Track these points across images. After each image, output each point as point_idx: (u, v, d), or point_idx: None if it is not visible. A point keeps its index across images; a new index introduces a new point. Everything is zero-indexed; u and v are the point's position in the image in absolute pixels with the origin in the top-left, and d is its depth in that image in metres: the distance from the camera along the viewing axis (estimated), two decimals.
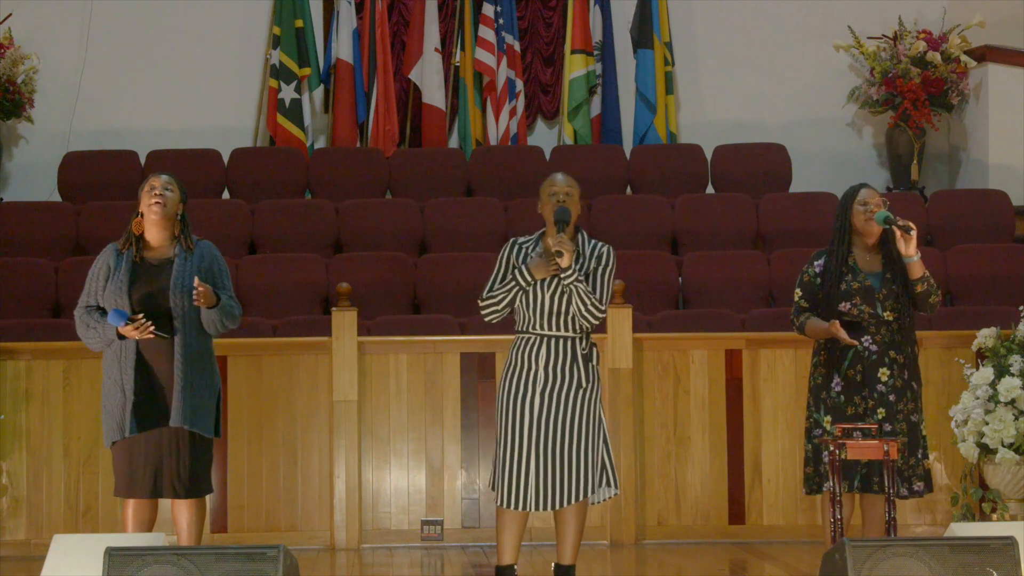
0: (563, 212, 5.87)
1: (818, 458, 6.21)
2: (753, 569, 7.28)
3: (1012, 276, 9.41)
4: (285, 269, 9.40)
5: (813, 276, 6.33)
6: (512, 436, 5.88)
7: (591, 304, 5.84)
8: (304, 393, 8.08)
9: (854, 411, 6.17)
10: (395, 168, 10.61)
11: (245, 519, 7.99)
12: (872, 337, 6.19)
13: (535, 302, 5.89)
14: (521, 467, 5.85)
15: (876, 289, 6.21)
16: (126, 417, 5.94)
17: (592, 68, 11.11)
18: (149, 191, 6.06)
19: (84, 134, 10.91)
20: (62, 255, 9.60)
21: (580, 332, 5.93)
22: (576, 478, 5.86)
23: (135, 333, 5.90)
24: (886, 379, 6.17)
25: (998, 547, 5.06)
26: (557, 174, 6.04)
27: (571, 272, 5.81)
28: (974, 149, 11.04)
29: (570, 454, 5.85)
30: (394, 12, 11.36)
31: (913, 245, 6.17)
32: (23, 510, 7.91)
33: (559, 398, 5.87)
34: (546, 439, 5.85)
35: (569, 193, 5.93)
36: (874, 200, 6.27)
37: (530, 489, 5.84)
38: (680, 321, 8.87)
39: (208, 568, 4.95)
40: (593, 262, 5.94)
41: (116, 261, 6.05)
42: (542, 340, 5.91)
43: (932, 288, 6.22)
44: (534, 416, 5.86)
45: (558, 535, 5.99)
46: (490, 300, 5.93)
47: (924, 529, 8.03)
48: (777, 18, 11.40)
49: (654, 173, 10.58)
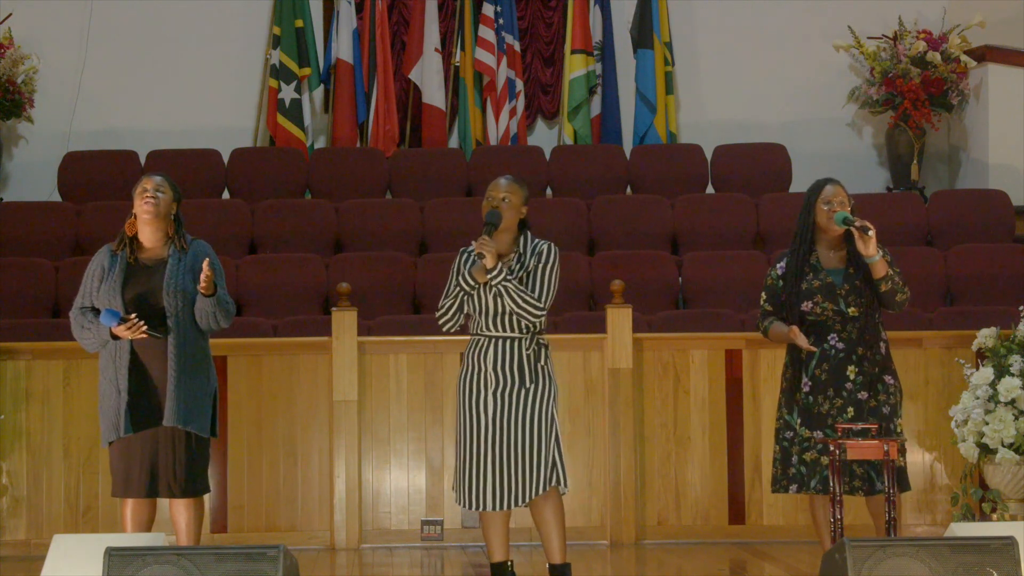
0: (492, 215, 5.93)
1: (786, 459, 6.20)
2: (753, 569, 7.28)
3: (1012, 276, 9.40)
4: (285, 269, 9.40)
5: (776, 279, 6.29)
6: (468, 437, 5.94)
7: (523, 302, 5.87)
8: (304, 393, 8.08)
9: (819, 410, 6.12)
10: (395, 168, 10.61)
11: (245, 519, 7.99)
12: (838, 335, 6.14)
13: (480, 304, 5.95)
14: (477, 467, 5.91)
15: (838, 285, 6.13)
16: (121, 417, 5.95)
17: (592, 68, 11.11)
18: (141, 193, 6.09)
19: (84, 134, 10.92)
20: (62, 255, 9.60)
21: (525, 332, 5.96)
22: (528, 476, 5.90)
23: (128, 333, 5.91)
24: (854, 376, 6.12)
25: (998, 547, 5.06)
26: (502, 177, 6.06)
27: (496, 272, 5.85)
28: (974, 149, 11.04)
29: (521, 453, 5.89)
30: (394, 12, 11.36)
31: (872, 245, 6.03)
32: (23, 510, 7.91)
33: (509, 398, 5.92)
34: (500, 439, 5.90)
35: (506, 198, 5.95)
36: (838, 198, 6.16)
37: (487, 488, 5.90)
38: (680, 321, 8.87)
39: (208, 568, 4.95)
40: (533, 260, 5.96)
41: (110, 262, 6.07)
42: (490, 341, 5.97)
43: (898, 287, 6.10)
44: (488, 417, 5.92)
45: (541, 536, 6.01)
46: (443, 308, 6.02)
47: (924, 529, 8.03)
48: (777, 18, 11.40)
49: (654, 173, 10.58)
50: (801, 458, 6.14)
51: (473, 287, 5.95)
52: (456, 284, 5.99)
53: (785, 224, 9.88)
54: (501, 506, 5.92)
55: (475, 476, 5.92)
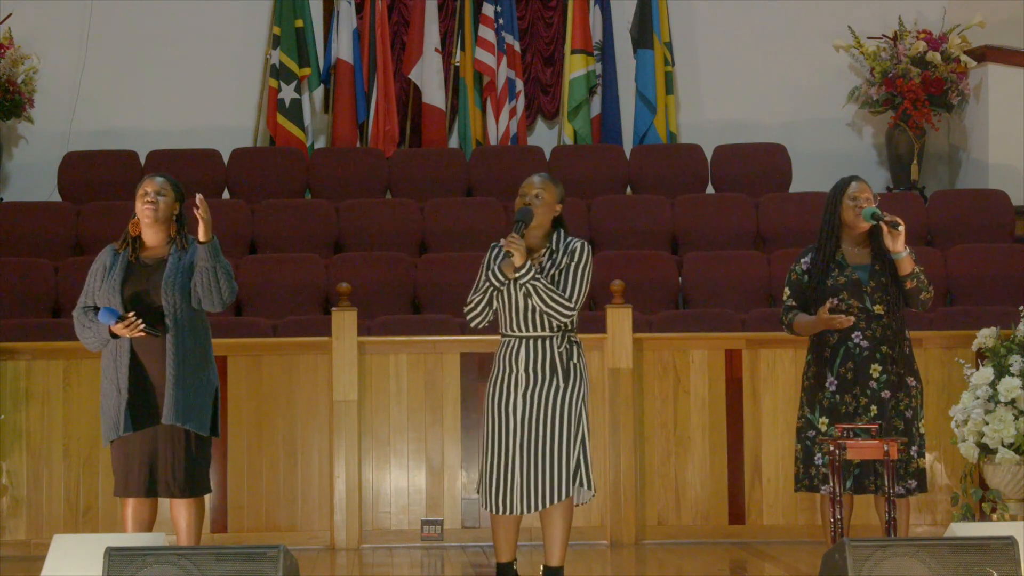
0: (523, 212, 5.89)
1: (808, 458, 6.20)
2: (753, 569, 7.28)
3: (1012, 276, 9.40)
4: (285, 269, 9.40)
5: (800, 274, 6.29)
6: (497, 440, 5.88)
7: (553, 300, 5.82)
8: (304, 393, 8.08)
9: (846, 409, 6.13)
10: (395, 168, 10.61)
11: (245, 519, 7.99)
12: (862, 332, 6.13)
13: (510, 302, 5.91)
14: (506, 471, 5.85)
15: (864, 282, 6.14)
16: (120, 415, 5.96)
17: (592, 68, 11.11)
18: (142, 196, 6.11)
19: (84, 134, 10.92)
20: (62, 255, 9.60)
21: (556, 330, 5.92)
22: (558, 478, 5.84)
23: (126, 331, 5.93)
24: (878, 375, 6.12)
25: (998, 547, 5.06)
26: (536, 175, 6.04)
27: (525, 270, 5.80)
28: (974, 149, 11.04)
29: (551, 454, 5.84)
30: (394, 12, 11.36)
31: (901, 241, 6.07)
32: (23, 510, 7.91)
33: (540, 399, 5.87)
34: (530, 441, 5.85)
35: (539, 195, 5.92)
36: (864, 195, 6.19)
37: (516, 492, 5.83)
38: (680, 321, 8.87)
39: (208, 568, 4.95)
40: (566, 258, 5.92)
41: (112, 261, 6.09)
42: (521, 342, 5.91)
43: (923, 285, 6.13)
44: (517, 419, 5.87)
45: (545, 537, 5.96)
46: (471, 303, 5.96)
47: (924, 529, 8.03)
48: (777, 18, 11.40)
49: (654, 173, 10.58)
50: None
51: (502, 283, 5.88)
52: (485, 279, 5.93)
53: (785, 224, 9.92)
54: (530, 508, 5.85)
55: (503, 480, 5.86)
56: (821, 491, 6.16)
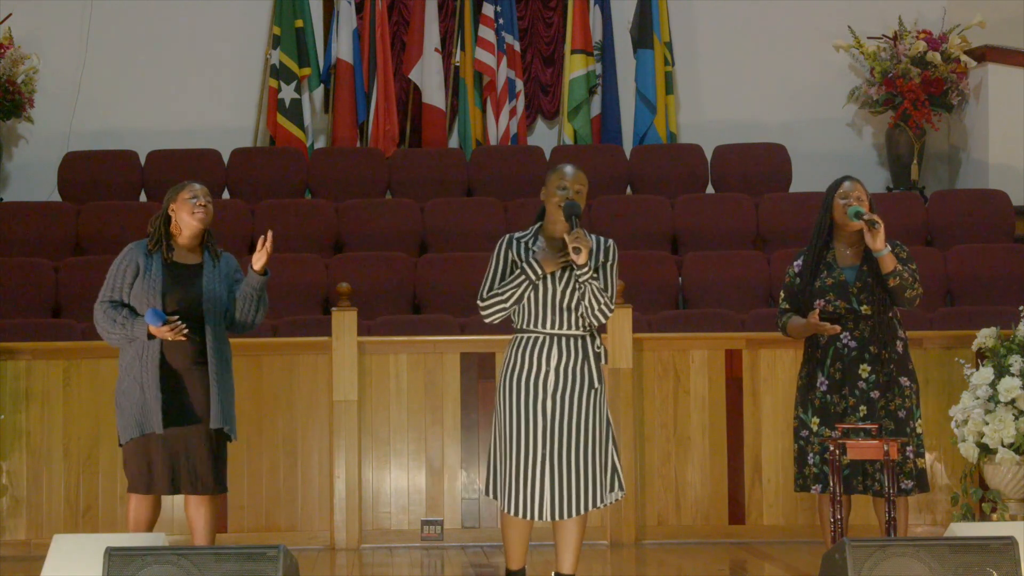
0: (573, 207, 5.60)
1: (802, 458, 6.20)
2: (753, 569, 7.28)
3: (1012, 276, 9.41)
4: (285, 269, 9.38)
5: (792, 276, 6.31)
6: (521, 440, 5.64)
7: (604, 303, 5.64)
8: (304, 393, 8.08)
9: (835, 409, 6.13)
10: (395, 168, 10.62)
11: (245, 519, 7.99)
12: (851, 333, 6.13)
13: (545, 297, 5.66)
14: (532, 474, 5.63)
15: (850, 283, 6.14)
16: (149, 415, 5.98)
17: (592, 68, 11.11)
18: (192, 198, 6.13)
19: (84, 134, 10.92)
20: (62, 255, 9.59)
21: (588, 330, 5.73)
22: (589, 485, 5.66)
23: (170, 334, 5.95)
24: (867, 375, 6.12)
25: (998, 547, 5.06)
26: (567, 166, 5.75)
27: (587, 269, 5.58)
28: (974, 149, 11.04)
29: (583, 460, 5.65)
30: (394, 12, 11.37)
31: (880, 239, 6.03)
32: (23, 510, 7.91)
33: (571, 401, 5.66)
34: (559, 445, 5.63)
35: (579, 190, 5.67)
36: (855, 193, 6.17)
37: (543, 498, 5.62)
38: (680, 321, 8.87)
39: (208, 568, 4.95)
40: (602, 256, 5.73)
41: (146, 262, 6.09)
42: (552, 340, 5.68)
43: (907, 283, 6.09)
44: (546, 421, 5.64)
45: (559, 542, 5.78)
46: (495, 298, 5.67)
47: (924, 529, 8.03)
48: (777, 18, 11.41)
49: (654, 173, 10.58)
50: (823, 457, 6.12)
51: (540, 277, 5.62)
52: (518, 272, 5.62)
53: (785, 224, 9.92)
54: (559, 516, 5.63)
55: (527, 483, 5.62)
56: (811, 490, 6.17)
